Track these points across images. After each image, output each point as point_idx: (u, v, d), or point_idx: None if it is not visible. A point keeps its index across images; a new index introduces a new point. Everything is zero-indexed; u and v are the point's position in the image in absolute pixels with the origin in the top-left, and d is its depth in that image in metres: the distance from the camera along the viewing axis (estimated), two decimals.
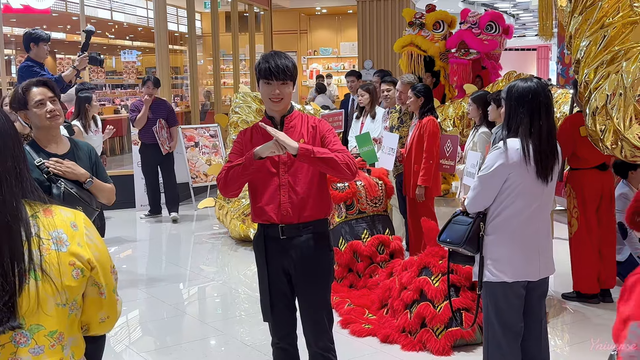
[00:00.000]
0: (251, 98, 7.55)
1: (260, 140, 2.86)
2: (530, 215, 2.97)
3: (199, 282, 5.93)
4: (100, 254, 1.58)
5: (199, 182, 9.00)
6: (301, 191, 2.85)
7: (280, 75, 2.80)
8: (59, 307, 1.50)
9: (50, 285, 1.47)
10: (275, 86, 2.83)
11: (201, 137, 9.18)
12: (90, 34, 5.58)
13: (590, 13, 4.25)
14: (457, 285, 4.14)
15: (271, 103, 2.87)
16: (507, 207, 2.96)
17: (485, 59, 8.95)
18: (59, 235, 1.51)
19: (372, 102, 6.70)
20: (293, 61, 2.89)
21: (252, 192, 2.95)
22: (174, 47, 12.27)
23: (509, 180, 2.92)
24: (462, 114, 8.35)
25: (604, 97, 4.04)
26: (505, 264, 2.99)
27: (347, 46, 16.61)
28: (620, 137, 4.01)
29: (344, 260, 5.06)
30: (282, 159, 2.86)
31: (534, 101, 2.95)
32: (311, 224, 2.89)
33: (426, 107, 5.42)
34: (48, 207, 1.55)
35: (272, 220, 2.88)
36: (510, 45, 22.28)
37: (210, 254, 6.95)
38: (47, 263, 1.48)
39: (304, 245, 2.88)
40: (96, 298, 1.60)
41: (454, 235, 3.09)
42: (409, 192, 5.51)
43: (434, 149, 5.29)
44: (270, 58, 2.84)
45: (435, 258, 4.22)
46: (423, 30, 8.97)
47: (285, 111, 2.93)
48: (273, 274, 2.93)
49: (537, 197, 2.98)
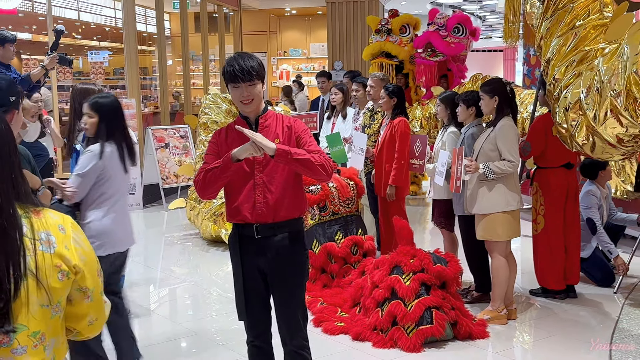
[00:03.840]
0: (221, 99, 7.52)
1: (236, 140, 2.85)
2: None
3: (170, 284, 5.89)
4: (87, 257, 1.58)
5: (169, 183, 8.94)
6: (276, 191, 2.85)
7: (247, 76, 2.78)
8: (43, 308, 1.50)
9: (37, 286, 1.47)
10: (244, 88, 2.81)
11: (171, 138, 9.12)
12: (61, 33, 5.50)
13: (562, 15, 4.37)
14: (428, 284, 4.19)
15: (243, 105, 2.86)
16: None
17: (451, 61, 9.05)
18: (47, 237, 1.51)
19: (344, 102, 6.74)
20: (258, 60, 2.86)
21: (226, 192, 2.95)
22: (142, 48, 12.14)
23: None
24: (429, 115, 8.45)
25: (578, 93, 4.14)
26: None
27: (317, 47, 16.64)
28: (592, 132, 4.10)
29: (317, 263, 5.07)
30: (257, 159, 2.85)
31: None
32: (286, 223, 2.89)
33: (398, 108, 5.46)
34: (39, 209, 1.55)
35: (246, 219, 2.88)
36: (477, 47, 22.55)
37: (182, 255, 6.90)
38: (33, 263, 1.47)
39: (279, 244, 2.89)
40: (82, 303, 1.59)
41: None
42: (380, 191, 5.55)
43: (405, 149, 5.33)
44: (233, 61, 2.81)
45: (406, 257, 4.25)
46: (390, 36, 9.02)
47: (258, 111, 2.92)
48: (248, 273, 2.93)
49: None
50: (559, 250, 4.95)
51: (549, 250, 4.95)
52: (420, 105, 8.78)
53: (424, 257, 4.25)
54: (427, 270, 4.20)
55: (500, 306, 4.51)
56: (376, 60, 9.04)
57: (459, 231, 5.01)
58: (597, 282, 5.34)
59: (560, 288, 5.00)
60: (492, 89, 4.51)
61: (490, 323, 4.43)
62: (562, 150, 4.67)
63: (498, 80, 4.76)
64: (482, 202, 4.44)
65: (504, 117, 4.47)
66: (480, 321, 4.38)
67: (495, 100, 4.48)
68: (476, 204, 4.47)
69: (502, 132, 4.41)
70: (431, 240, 6.87)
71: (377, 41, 9.12)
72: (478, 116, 4.80)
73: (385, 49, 9.00)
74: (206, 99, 7.57)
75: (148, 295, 5.59)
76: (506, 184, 4.42)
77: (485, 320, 4.43)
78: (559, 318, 4.67)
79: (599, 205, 5.31)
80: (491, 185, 4.41)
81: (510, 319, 4.57)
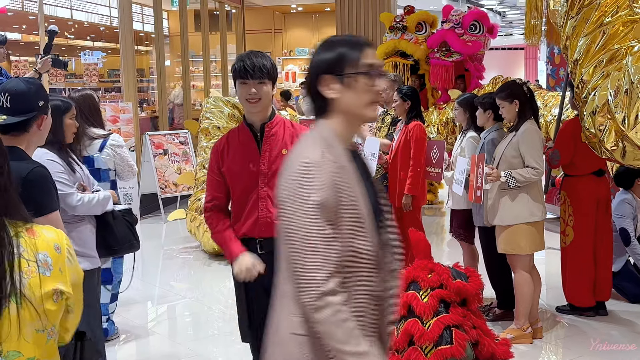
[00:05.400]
0: (223, 102, 7.56)
1: (239, 149, 2.86)
2: None
3: (169, 300, 5.90)
4: (77, 277, 1.60)
5: (168, 193, 8.96)
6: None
7: (257, 73, 2.79)
8: (38, 333, 1.50)
9: (30, 310, 1.48)
10: (252, 85, 2.81)
11: (170, 145, 9.16)
12: (54, 34, 5.54)
13: (588, 12, 4.36)
14: (447, 300, 4.17)
15: (248, 104, 2.85)
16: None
17: (468, 60, 9.05)
18: (44, 259, 1.51)
19: None
20: (272, 61, 2.89)
21: (232, 206, 2.96)
22: (139, 48, 12.21)
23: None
24: (446, 119, 8.43)
25: (605, 95, 4.13)
26: None
27: None
28: (621, 137, 4.08)
29: None
30: (262, 171, 2.86)
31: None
32: None
33: (413, 111, 5.47)
34: (30, 226, 1.55)
35: (249, 234, 2.89)
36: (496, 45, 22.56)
37: (182, 269, 6.91)
38: (29, 287, 1.48)
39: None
40: (68, 320, 1.62)
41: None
42: (394, 201, 5.55)
43: (421, 155, 5.33)
44: (245, 57, 2.84)
45: (424, 272, 4.24)
46: (406, 34, 9.03)
47: (265, 117, 2.91)
48: (253, 292, 2.93)
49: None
50: (589, 264, 4.92)
51: (578, 264, 4.93)
52: (437, 109, 8.78)
53: (442, 271, 4.23)
54: (446, 286, 4.18)
55: (524, 324, 4.50)
56: (390, 59, 9.05)
57: (479, 243, 5.00)
58: (629, 299, 5.31)
59: (590, 305, 4.97)
60: (510, 94, 4.51)
61: (514, 342, 4.41)
62: (592, 156, 4.65)
63: (513, 83, 4.76)
64: (504, 213, 4.43)
65: (527, 120, 4.47)
66: (504, 340, 4.35)
67: (516, 105, 4.48)
68: (497, 214, 4.46)
69: (525, 136, 4.41)
70: (449, 253, 6.85)
71: (391, 39, 9.15)
72: (497, 120, 4.80)
73: (400, 48, 9.02)
74: (207, 103, 7.61)
75: (145, 313, 5.60)
76: (530, 193, 4.41)
77: (509, 340, 4.40)
78: (587, 337, 4.65)
79: (633, 216, 5.28)
80: (514, 194, 4.40)
81: (535, 338, 4.55)
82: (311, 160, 1.76)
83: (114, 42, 11.03)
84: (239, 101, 7.98)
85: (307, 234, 1.71)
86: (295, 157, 1.81)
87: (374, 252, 1.83)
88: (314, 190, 1.72)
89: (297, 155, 1.82)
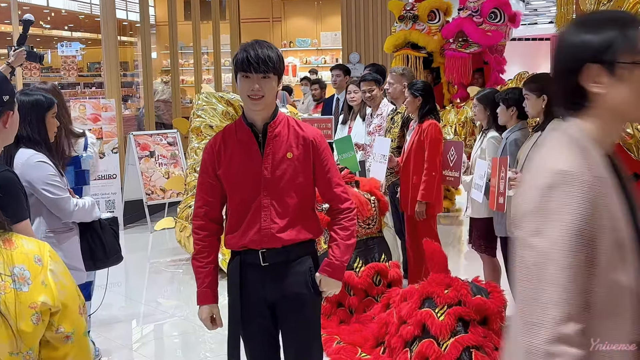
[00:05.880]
0: (216, 99, 7.57)
1: (237, 151, 2.86)
2: None
3: (156, 319, 5.91)
4: (67, 292, 1.57)
5: (155, 199, 8.98)
6: (285, 214, 2.86)
7: (261, 66, 2.77)
8: (12, 356, 1.48)
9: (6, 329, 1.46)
10: (255, 80, 2.80)
11: (157, 146, 9.18)
12: (29, 24, 5.56)
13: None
14: (466, 319, 4.17)
15: (250, 101, 2.84)
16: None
17: (487, 52, 9.06)
18: (21, 272, 1.49)
19: (364, 101, 6.75)
20: (279, 52, 2.87)
21: (228, 214, 2.96)
22: (123, 39, 12.25)
23: None
24: (465, 119, 8.43)
25: None
26: None
27: (328, 37, 16.70)
28: None
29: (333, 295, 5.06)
30: (264, 176, 2.86)
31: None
32: (297, 246, 2.91)
33: (425, 108, 5.48)
34: (8, 236, 1.53)
35: (250, 246, 2.90)
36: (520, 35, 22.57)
37: (170, 285, 6.92)
38: (4, 303, 1.46)
39: (290, 271, 2.91)
40: (62, 346, 1.58)
41: None
42: (406, 208, 5.55)
43: (436, 158, 5.34)
44: (249, 47, 2.81)
45: (440, 287, 4.25)
46: (417, 24, 9.03)
47: (268, 116, 2.90)
48: (252, 307, 2.94)
49: None
50: None
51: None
52: (455, 108, 8.78)
53: (460, 287, 4.24)
54: (464, 302, 4.18)
55: None
56: (400, 52, 9.06)
57: (501, 256, 5.00)
58: None
59: None
60: (539, 86, 4.51)
61: None
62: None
63: (545, 75, 4.76)
64: None
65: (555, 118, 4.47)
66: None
67: (544, 100, 4.48)
68: None
69: None
70: (468, 266, 6.85)
71: (401, 30, 9.15)
72: (521, 118, 4.81)
73: (411, 39, 9.03)
74: (199, 99, 7.62)
75: (130, 332, 5.61)
76: None
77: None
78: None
79: None
80: None
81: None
82: (563, 170, 1.57)
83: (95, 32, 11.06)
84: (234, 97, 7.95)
85: (547, 260, 1.52)
86: (540, 164, 1.63)
87: (638, 288, 1.61)
88: (565, 208, 1.54)
89: (542, 161, 1.63)
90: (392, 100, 6.24)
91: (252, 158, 2.87)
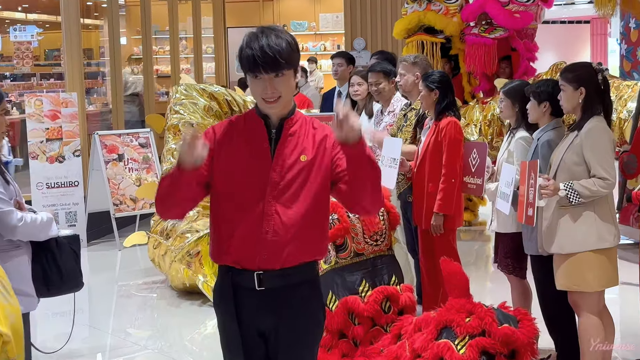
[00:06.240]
0: (197, 92, 7.59)
1: (242, 144, 2.87)
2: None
3: (124, 353, 5.90)
4: (16, 315, 1.61)
5: (124, 211, 8.98)
6: (293, 226, 2.86)
7: (271, 65, 2.77)
8: None
9: None
10: (267, 81, 2.81)
11: (127, 148, 9.18)
12: None
13: None
14: (491, 352, 4.18)
15: (266, 104, 2.87)
16: None
17: (515, 37, 9.06)
18: None
19: (370, 95, 6.76)
20: (290, 39, 2.85)
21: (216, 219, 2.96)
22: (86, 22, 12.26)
23: None
24: (491, 117, 8.42)
25: None
26: None
27: (329, 19, 16.73)
28: None
29: (335, 324, 5.06)
30: (271, 178, 2.87)
31: None
32: (298, 269, 2.92)
33: (443, 103, 5.48)
34: None
35: (243, 263, 2.91)
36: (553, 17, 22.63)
37: (142, 311, 6.92)
38: None
39: (289, 298, 2.93)
40: None
41: None
42: (421, 221, 5.56)
43: (456, 162, 5.34)
44: (254, 40, 2.81)
45: (460, 314, 4.25)
46: (432, 3, 9.00)
47: (286, 112, 2.92)
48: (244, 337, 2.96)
49: None
50: None
51: None
52: (480, 104, 8.77)
53: (484, 314, 4.25)
54: (489, 333, 4.19)
55: None
56: (413, 37, 9.04)
57: (532, 277, 5.01)
58: None
59: None
60: (578, 77, 4.53)
61: None
62: None
63: (586, 66, 4.78)
64: (564, 238, 4.44)
65: (594, 116, 4.49)
66: None
67: (582, 94, 4.50)
68: (555, 240, 4.47)
69: (591, 137, 4.43)
70: (494, 290, 6.86)
71: (414, 11, 9.13)
72: (555, 115, 4.82)
73: (426, 22, 9.01)
74: (177, 92, 7.64)
75: None
76: (598, 211, 4.43)
77: None
78: None
79: None
80: (577, 213, 4.41)
81: None
82: None
83: (54, 14, 11.06)
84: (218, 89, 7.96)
85: None
86: None
87: None
88: None
89: None
90: (404, 93, 6.24)
91: (259, 156, 2.88)
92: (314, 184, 2.88)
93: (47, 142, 8.75)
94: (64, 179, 8.73)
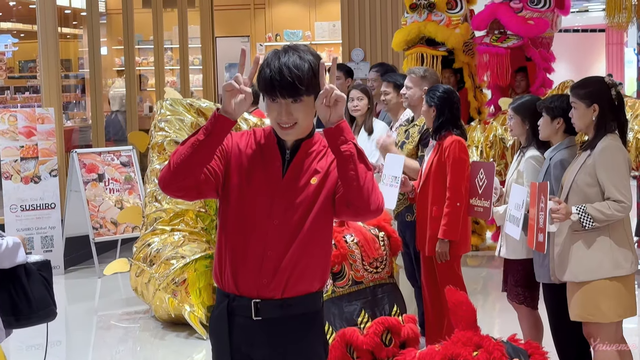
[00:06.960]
0: (184, 107, 7.59)
1: (256, 161, 2.89)
2: None
3: None
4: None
5: (104, 235, 8.97)
6: (297, 249, 2.89)
7: (288, 90, 2.76)
8: None
9: None
10: (284, 106, 2.81)
11: (108, 167, 9.18)
12: None
13: None
14: None
15: (281, 130, 2.87)
16: None
17: (530, 46, 9.07)
18: None
19: (370, 111, 6.79)
20: (313, 61, 2.80)
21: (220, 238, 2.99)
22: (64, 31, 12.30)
23: None
24: (493, 138, 8.45)
25: None
26: None
27: (325, 28, 16.77)
28: None
29: (332, 358, 5.07)
30: (279, 199, 2.89)
31: None
32: (300, 300, 2.94)
33: (439, 119, 5.48)
34: None
35: (242, 289, 2.93)
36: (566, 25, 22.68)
37: (123, 344, 6.91)
38: None
39: (288, 331, 2.94)
40: None
41: None
42: (423, 247, 5.57)
43: (461, 184, 5.35)
44: (274, 59, 2.79)
45: (467, 348, 4.26)
46: (433, 13, 9.01)
47: (303, 136, 2.94)
48: None
49: None
50: None
51: None
52: (482, 125, 8.79)
53: (493, 348, 4.25)
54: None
55: None
56: (413, 50, 9.05)
57: (543, 308, 5.02)
58: None
59: None
60: (590, 93, 4.55)
61: None
62: None
63: (598, 81, 4.81)
64: (578, 265, 4.46)
65: (608, 134, 4.52)
66: None
67: (595, 110, 4.53)
68: (568, 267, 4.49)
69: (604, 157, 4.44)
70: (503, 321, 6.86)
71: (414, 22, 9.14)
72: (569, 133, 4.85)
73: (427, 34, 9.03)
74: (161, 108, 7.64)
75: None
76: (613, 236, 4.44)
77: None
78: None
79: None
80: (590, 238, 4.43)
81: None
82: None
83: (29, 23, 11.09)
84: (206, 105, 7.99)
85: None
86: None
87: None
88: None
89: None
90: (409, 106, 6.25)
91: (270, 175, 2.91)
92: (320, 207, 2.91)
93: (22, 161, 8.72)
94: (40, 200, 8.71)
